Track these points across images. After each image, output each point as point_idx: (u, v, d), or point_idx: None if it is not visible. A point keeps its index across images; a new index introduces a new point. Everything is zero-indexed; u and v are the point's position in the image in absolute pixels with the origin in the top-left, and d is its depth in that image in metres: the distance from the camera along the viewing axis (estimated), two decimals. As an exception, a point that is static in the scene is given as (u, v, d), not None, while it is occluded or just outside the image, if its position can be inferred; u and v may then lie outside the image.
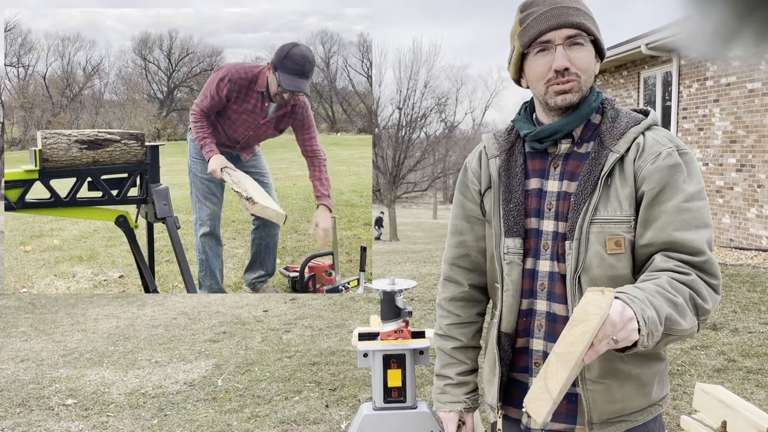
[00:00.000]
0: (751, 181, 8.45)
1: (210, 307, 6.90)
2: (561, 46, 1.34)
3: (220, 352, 5.07)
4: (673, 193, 1.29)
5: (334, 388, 4.12)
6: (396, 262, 9.76)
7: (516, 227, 1.41)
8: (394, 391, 1.90)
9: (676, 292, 1.19)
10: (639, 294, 1.13)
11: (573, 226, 1.34)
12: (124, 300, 7.46)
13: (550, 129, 1.40)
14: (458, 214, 1.58)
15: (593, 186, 1.33)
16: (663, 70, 10.27)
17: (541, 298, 1.40)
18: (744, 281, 6.55)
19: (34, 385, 4.38)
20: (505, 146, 1.49)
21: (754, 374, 4.04)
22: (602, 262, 1.32)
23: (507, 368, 1.46)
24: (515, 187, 1.43)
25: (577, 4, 1.38)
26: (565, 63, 1.34)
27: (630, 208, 1.32)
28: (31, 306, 7.17)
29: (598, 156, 1.35)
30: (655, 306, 1.13)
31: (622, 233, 1.31)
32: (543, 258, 1.40)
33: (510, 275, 1.42)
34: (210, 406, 3.91)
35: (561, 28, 1.34)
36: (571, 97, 1.36)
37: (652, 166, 1.31)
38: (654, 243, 1.29)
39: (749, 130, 8.44)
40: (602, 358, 1.30)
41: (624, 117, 1.39)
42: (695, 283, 1.23)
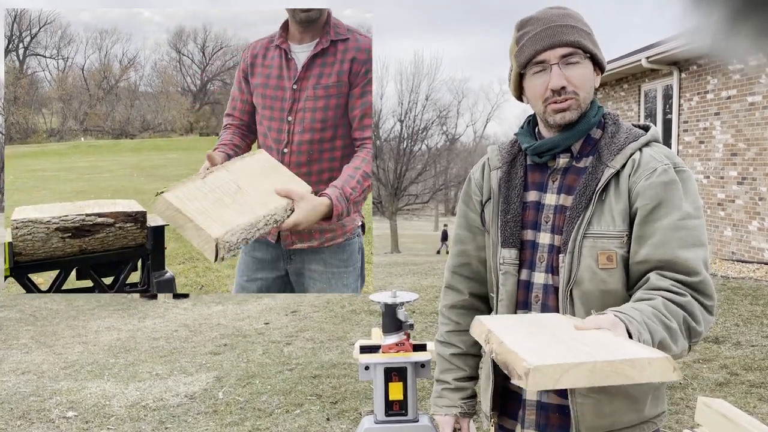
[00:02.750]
0: (753, 194, 8.45)
1: (211, 320, 6.89)
2: (557, 65, 1.36)
3: (221, 365, 5.06)
4: (668, 210, 1.29)
5: (335, 401, 4.11)
6: (397, 275, 9.75)
7: (512, 238, 1.43)
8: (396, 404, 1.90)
9: (671, 315, 1.19)
10: (636, 315, 1.14)
11: (567, 240, 1.35)
12: (125, 312, 7.45)
13: (549, 144, 1.42)
14: (461, 224, 1.60)
15: (588, 200, 1.34)
16: (664, 83, 10.30)
17: (535, 310, 1.42)
18: (746, 294, 6.53)
19: (35, 397, 4.37)
20: (508, 158, 1.51)
21: (756, 388, 4.02)
22: (594, 276, 1.33)
23: (501, 378, 1.48)
24: (513, 199, 1.45)
25: (572, 21, 1.39)
26: (561, 82, 1.35)
27: (623, 223, 1.33)
28: (33, 318, 7.17)
29: (595, 171, 1.36)
30: (650, 329, 1.13)
31: (615, 248, 1.32)
32: (538, 270, 1.42)
33: (505, 285, 1.44)
34: (211, 419, 3.89)
35: (555, 47, 1.35)
36: (569, 115, 1.38)
37: (647, 182, 1.32)
38: (649, 260, 1.29)
39: (750, 143, 8.45)
40: None
41: (623, 133, 1.40)
42: (690, 305, 1.23)
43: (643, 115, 10.89)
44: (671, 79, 9.95)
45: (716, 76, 8.98)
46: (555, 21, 1.38)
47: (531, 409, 1.43)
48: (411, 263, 11.92)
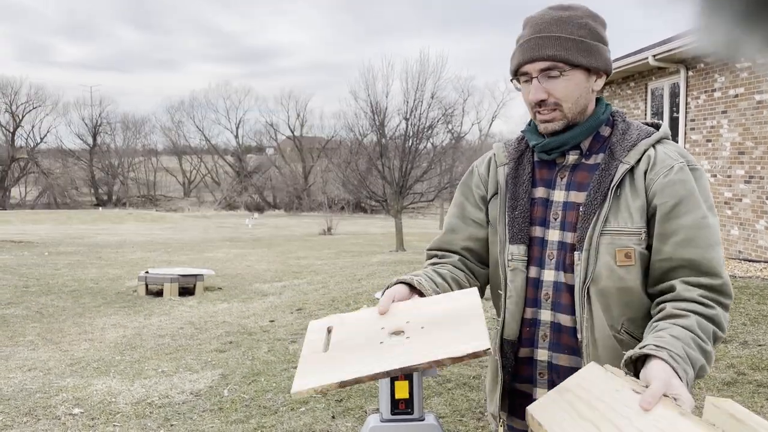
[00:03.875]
0: (760, 192, 8.41)
1: (216, 317, 6.90)
2: (536, 78, 1.35)
3: (226, 362, 5.07)
4: (689, 208, 1.29)
5: (340, 399, 4.10)
6: (402, 273, 9.74)
7: (521, 234, 1.41)
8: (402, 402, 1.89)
9: (705, 336, 1.22)
10: (678, 348, 1.14)
11: (582, 237, 1.33)
12: (131, 309, 7.47)
13: (557, 141, 1.40)
14: (454, 213, 1.56)
15: (603, 196, 1.33)
16: (671, 82, 10.25)
17: (545, 308, 1.40)
18: (753, 293, 6.49)
19: (41, 394, 4.38)
20: (515, 155, 1.49)
21: (764, 388, 4.00)
22: (612, 273, 1.32)
23: (510, 377, 1.45)
24: (521, 195, 1.43)
25: (560, 29, 1.35)
26: (539, 96, 1.35)
27: (641, 220, 1.32)
28: (39, 315, 7.19)
29: (608, 167, 1.35)
30: (692, 361, 1.16)
31: (633, 245, 1.31)
32: (548, 267, 1.40)
33: (513, 282, 1.42)
34: (216, 417, 3.90)
35: (535, 61, 1.35)
36: (552, 126, 1.38)
37: (665, 179, 1.31)
38: (673, 258, 1.29)
39: (758, 141, 8.40)
40: None
41: (635, 130, 1.40)
42: (718, 318, 1.26)
43: (650, 113, 10.84)
44: (678, 77, 9.90)
45: (724, 74, 8.93)
46: (542, 30, 1.35)
47: None
48: (416, 261, 11.90)
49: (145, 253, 14.31)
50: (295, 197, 46.37)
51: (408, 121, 24.33)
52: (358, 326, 1.26)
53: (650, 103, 10.87)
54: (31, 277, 9.92)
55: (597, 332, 1.33)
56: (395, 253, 15.79)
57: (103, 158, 49.66)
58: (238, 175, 49.56)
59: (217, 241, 18.67)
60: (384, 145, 23.35)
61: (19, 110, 46.24)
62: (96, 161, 49.23)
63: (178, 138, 51.97)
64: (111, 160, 49.64)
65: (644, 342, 1.18)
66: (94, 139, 49.98)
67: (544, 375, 1.41)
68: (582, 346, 1.34)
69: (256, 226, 28.34)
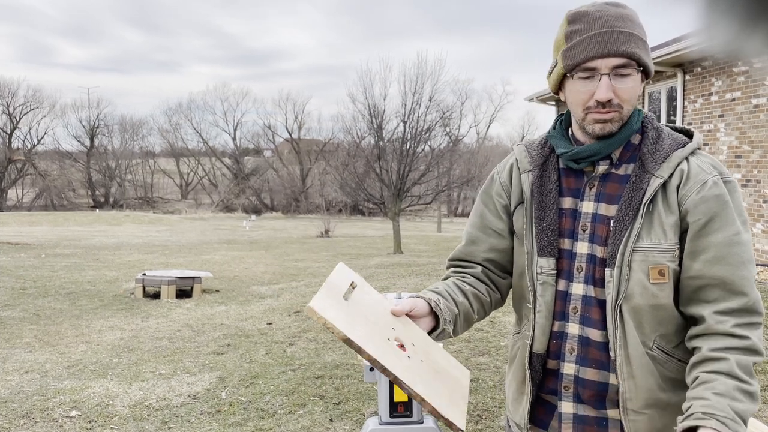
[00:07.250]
0: (757, 196, 8.43)
1: (214, 320, 6.89)
2: (607, 75, 1.26)
3: (224, 365, 5.06)
4: (721, 225, 1.25)
5: (338, 402, 4.10)
6: (400, 276, 9.74)
7: (550, 247, 1.36)
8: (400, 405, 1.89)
9: (746, 375, 1.18)
10: (724, 409, 1.12)
11: (614, 253, 1.28)
12: (128, 312, 7.45)
13: (589, 151, 1.33)
14: (475, 223, 1.50)
15: (635, 212, 1.28)
16: (668, 85, 10.28)
17: (573, 321, 1.35)
18: (750, 297, 6.51)
19: (39, 396, 4.37)
20: (539, 161, 1.42)
21: (762, 392, 4.01)
22: (645, 291, 1.27)
23: (537, 389, 1.42)
24: (549, 205, 1.37)
25: (630, 26, 1.27)
26: (608, 95, 1.26)
27: (674, 236, 1.27)
28: (36, 317, 7.17)
29: (640, 180, 1.29)
30: (740, 415, 1.13)
31: (666, 262, 1.27)
32: (576, 281, 1.35)
33: (543, 296, 1.37)
34: (214, 419, 3.89)
35: (609, 56, 1.25)
36: (610, 127, 1.29)
37: (697, 196, 1.26)
38: (703, 276, 1.25)
39: (754, 145, 8.43)
40: (644, 388, 1.29)
41: (666, 138, 1.33)
42: (754, 346, 1.22)
43: (647, 116, 10.88)
44: (675, 81, 9.93)
45: (721, 78, 8.96)
46: (612, 25, 1.26)
47: (567, 423, 1.38)
48: (414, 264, 11.90)
49: (143, 255, 14.29)
50: (293, 199, 46.33)
51: (406, 123, 24.33)
52: (375, 307, 1.32)
53: (647, 107, 10.89)
54: (28, 279, 9.90)
55: (630, 349, 1.29)
56: (393, 255, 15.78)
57: (100, 160, 49.56)
58: (236, 177, 49.52)
59: (215, 244, 18.64)
60: (382, 148, 23.36)
61: (17, 112, 46.18)
62: (93, 163, 49.14)
63: (175, 140, 51.91)
64: (108, 162, 49.54)
65: (689, 405, 1.15)
66: (91, 141, 49.92)
67: (569, 388, 1.37)
68: (616, 364, 1.30)
69: (254, 229, 28.31)
